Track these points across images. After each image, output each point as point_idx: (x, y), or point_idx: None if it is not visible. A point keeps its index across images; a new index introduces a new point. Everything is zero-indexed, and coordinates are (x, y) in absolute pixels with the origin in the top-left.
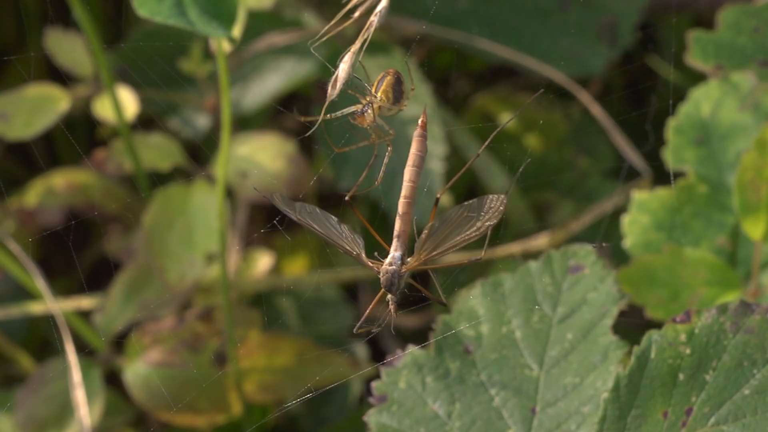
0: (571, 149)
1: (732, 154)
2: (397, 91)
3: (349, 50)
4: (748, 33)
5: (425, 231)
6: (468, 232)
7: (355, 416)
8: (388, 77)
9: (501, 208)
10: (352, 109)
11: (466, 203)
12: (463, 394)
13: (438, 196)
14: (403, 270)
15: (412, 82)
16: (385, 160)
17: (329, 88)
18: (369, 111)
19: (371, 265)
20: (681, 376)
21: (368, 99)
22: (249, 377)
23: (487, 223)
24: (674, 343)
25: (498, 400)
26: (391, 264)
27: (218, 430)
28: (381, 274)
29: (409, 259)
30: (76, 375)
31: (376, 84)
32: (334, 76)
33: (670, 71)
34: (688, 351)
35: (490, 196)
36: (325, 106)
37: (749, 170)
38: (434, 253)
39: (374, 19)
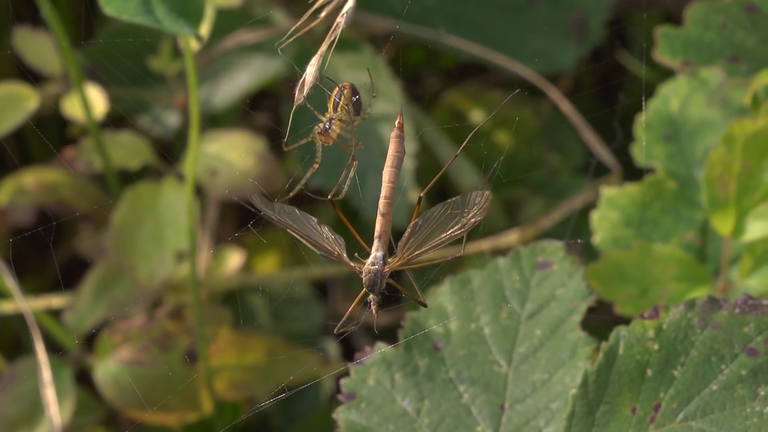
0: (541, 146)
1: (701, 149)
2: (356, 103)
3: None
4: (715, 29)
5: (408, 230)
6: (453, 230)
7: (325, 414)
8: (346, 91)
9: (486, 204)
10: (316, 129)
11: (449, 200)
12: (431, 391)
13: (420, 195)
14: (386, 270)
15: (374, 90)
16: (351, 173)
17: (296, 92)
18: (333, 128)
19: (353, 265)
20: (649, 372)
21: (328, 116)
22: (219, 375)
23: (472, 220)
24: (642, 338)
25: (467, 397)
26: (373, 264)
27: (189, 429)
28: (363, 275)
29: (390, 259)
30: (46, 374)
31: (332, 100)
32: (301, 80)
33: (639, 67)
34: (656, 347)
35: (474, 193)
36: (293, 111)
37: (717, 166)
38: (418, 251)
39: (341, 20)
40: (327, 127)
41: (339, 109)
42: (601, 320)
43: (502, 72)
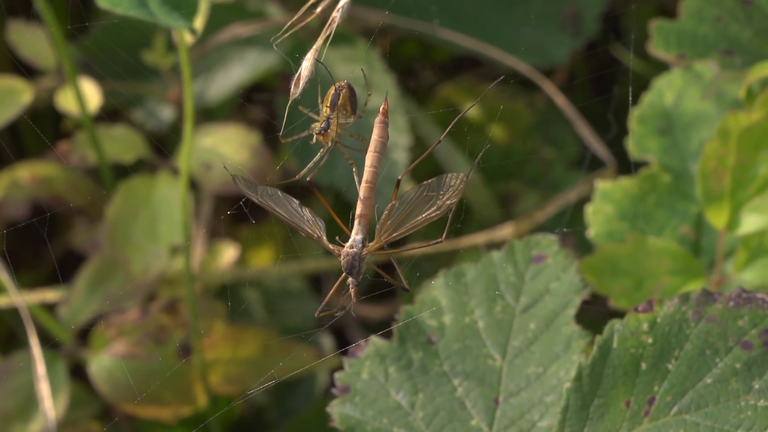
0: (536, 139)
1: (695, 143)
2: (354, 102)
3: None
4: (710, 22)
5: (385, 212)
6: (428, 212)
7: (320, 407)
8: (344, 91)
9: (461, 186)
10: (314, 128)
11: (425, 182)
12: (426, 385)
13: (399, 177)
14: (364, 252)
15: (369, 88)
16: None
17: (292, 86)
18: (333, 127)
19: (332, 248)
20: (643, 365)
21: (325, 115)
22: (214, 369)
23: (447, 202)
24: (636, 332)
25: (461, 390)
26: (352, 247)
27: (183, 422)
28: (342, 257)
29: (370, 243)
30: (40, 368)
31: (329, 99)
32: (297, 74)
33: (633, 61)
34: (650, 340)
35: (450, 175)
36: (288, 105)
37: (712, 159)
38: (395, 234)
39: (336, 15)
40: (325, 126)
41: (336, 109)
42: (595, 313)
43: (497, 65)
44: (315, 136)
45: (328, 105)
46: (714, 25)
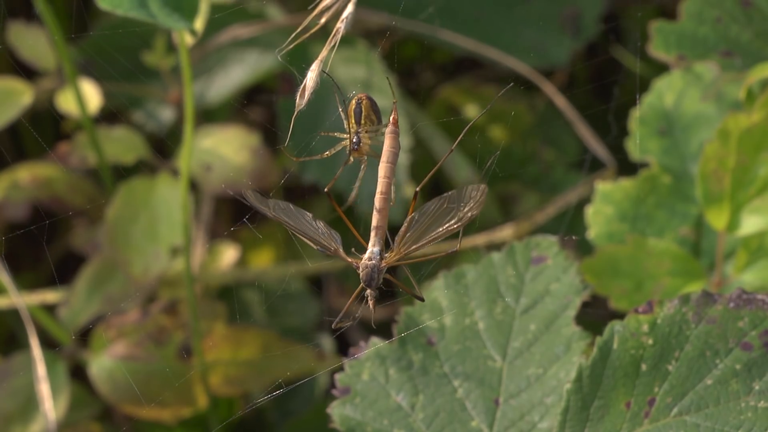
0: (536, 140)
1: (695, 144)
2: (377, 112)
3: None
4: (710, 23)
5: (404, 224)
6: (449, 224)
7: (320, 409)
8: (365, 102)
9: (482, 198)
10: (344, 143)
11: (445, 194)
12: (426, 386)
13: (417, 189)
14: (383, 264)
15: (394, 96)
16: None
17: (297, 97)
18: (365, 141)
19: (350, 260)
20: (643, 367)
21: (354, 130)
22: (214, 370)
23: (468, 214)
24: (636, 333)
25: (461, 392)
26: (370, 259)
27: (184, 424)
28: (360, 270)
29: (387, 254)
30: (40, 369)
31: (352, 113)
32: (302, 86)
33: (633, 62)
34: (650, 341)
35: (470, 186)
36: (294, 116)
37: (712, 160)
38: (415, 246)
39: (341, 26)
40: (357, 142)
41: (363, 121)
42: (595, 315)
43: (497, 66)
44: (349, 153)
45: (353, 120)
46: (714, 26)
